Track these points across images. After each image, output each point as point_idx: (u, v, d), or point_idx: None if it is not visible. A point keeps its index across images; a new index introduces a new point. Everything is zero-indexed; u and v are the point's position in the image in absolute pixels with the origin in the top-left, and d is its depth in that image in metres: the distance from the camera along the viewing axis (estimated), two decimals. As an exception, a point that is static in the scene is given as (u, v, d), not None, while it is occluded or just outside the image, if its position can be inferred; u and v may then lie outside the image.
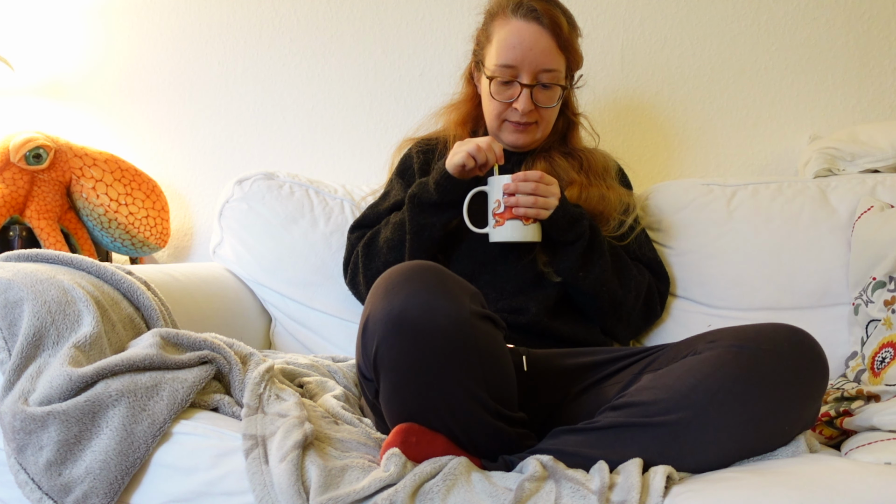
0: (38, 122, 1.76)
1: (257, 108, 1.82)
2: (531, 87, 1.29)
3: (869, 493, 0.75)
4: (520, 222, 1.17)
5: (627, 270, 1.31)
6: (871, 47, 1.72)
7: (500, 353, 0.94)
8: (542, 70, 1.28)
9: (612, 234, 1.32)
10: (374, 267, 1.30)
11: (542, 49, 1.27)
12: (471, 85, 1.43)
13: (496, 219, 1.19)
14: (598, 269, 1.25)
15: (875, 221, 1.34)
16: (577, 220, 1.23)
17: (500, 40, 1.29)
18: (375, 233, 1.33)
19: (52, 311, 0.95)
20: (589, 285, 1.25)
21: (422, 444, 0.87)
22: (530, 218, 1.17)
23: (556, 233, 1.22)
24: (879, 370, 1.12)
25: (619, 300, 1.28)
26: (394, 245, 1.28)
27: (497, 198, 1.18)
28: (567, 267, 1.24)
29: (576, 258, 1.23)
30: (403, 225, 1.28)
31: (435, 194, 1.23)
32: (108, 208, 1.67)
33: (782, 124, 1.74)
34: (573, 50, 1.32)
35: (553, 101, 1.32)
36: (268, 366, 1.02)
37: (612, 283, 1.26)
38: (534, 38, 1.27)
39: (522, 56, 1.27)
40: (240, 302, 1.49)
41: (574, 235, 1.23)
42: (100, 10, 1.82)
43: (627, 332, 1.36)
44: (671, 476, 0.84)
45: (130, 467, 0.88)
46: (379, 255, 1.30)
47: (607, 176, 1.39)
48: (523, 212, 1.16)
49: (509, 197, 1.16)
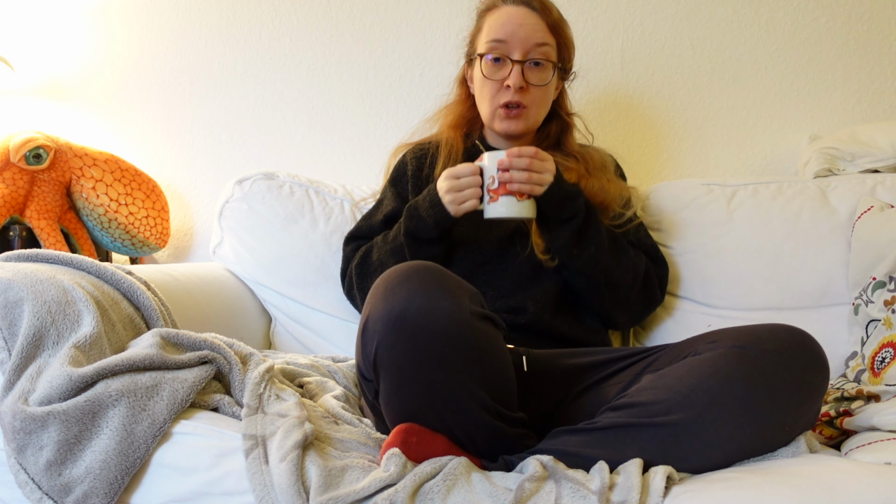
0: (38, 122, 1.76)
1: (257, 108, 1.82)
2: (522, 64, 1.29)
3: (869, 493, 0.75)
4: (514, 198, 1.17)
5: (624, 252, 1.30)
6: (871, 47, 1.72)
7: (500, 353, 0.94)
8: (533, 45, 1.29)
9: (611, 223, 1.32)
10: (368, 286, 1.29)
11: (531, 25, 1.29)
12: (464, 87, 1.44)
13: (490, 195, 1.18)
14: (592, 247, 1.24)
15: (875, 221, 1.34)
16: (572, 198, 1.22)
17: (491, 23, 1.32)
18: (368, 251, 1.33)
19: (52, 311, 0.95)
20: (584, 263, 1.24)
21: (422, 445, 0.87)
22: (524, 194, 1.17)
23: (550, 210, 1.21)
24: (879, 370, 1.12)
25: (615, 281, 1.27)
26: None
27: (492, 174, 1.18)
28: (562, 245, 1.23)
29: (570, 235, 1.22)
30: (397, 253, 1.27)
31: (434, 232, 1.23)
32: (108, 208, 1.67)
33: (782, 124, 1.74)
34: (563, 34, 1.33)
35: (545, 80, 1.31)
36: (268, 366, 1.02)
37: (607, 262, 1.25)
38: (523, 16, 1.30)
39: (513, 31, 1.29)
40: (240, 302, 1.49)
41: (569, 213, 1.22)
42: (100, 10, 1.82)
43: (627, 318, 1.34)
44: (671, 476, 0.84)
45: (130, 467, 0.88)
46: (373, 275, 1.29)
47: (606, 170, 1.39)
48: (517, 187, 1.15)
49: (503, 173, 1.16)
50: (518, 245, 1.30)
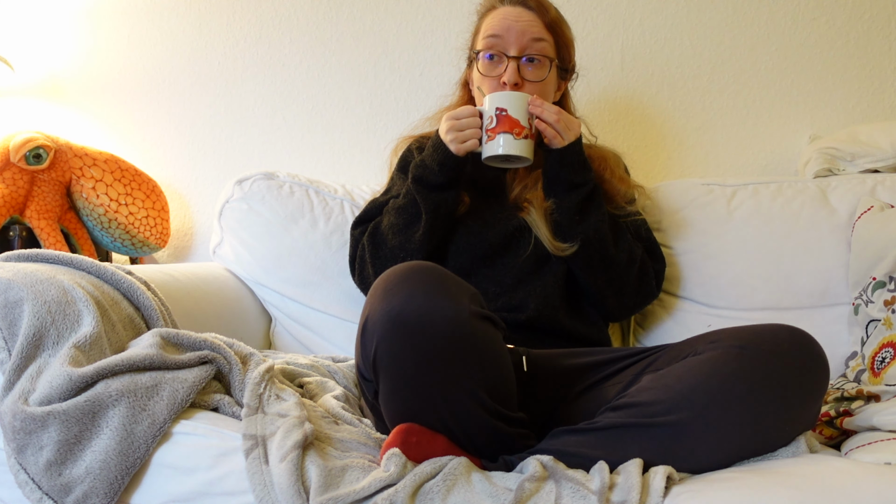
0: (38, 122, 1.76)
1: (257, 108, 1.82)
2: (518, 59, 1.29)
3: (869, 493, 0.75)
4: (511, 136, 1.17)
5: (622, 233, 1.31)
6: (871, 47, 1.72)
7: (500, 353, 0.94)
8: (529, 40, 1.29)
9: (614, 211, 1.33)
10: (383, 255, 1.29)
11: (527, 21, 1.30)
12: (466, 89, 1.44)
13: (488, 134, 1.19)
14: (594, 217, 1.25)
15: (875, 221, 1.34)
16: (587, 168, 1.26)
17: (487, 22, 1.33)
18: (377, 223, 1.33)
19: (52, 311, 0.95)
20: (583, 230, 1.25)
21: (422, 445, 0.87)
22: (523, 130, 1.17)
23: (567, 170, 1.23)
24: (879, 370, 1.12)
25: (610, 256, 1.27)
26: (399, 229, 1.27)
27: (490, 115, 1.18)
28: (567, 208, 1.25)
29: (578, 201, 1.24)
30: (407, 209, 1.27)
31: (441, 175, 1.24)
32: (108, 208, 1.67)
33: (782, 124, 1.74)
34: (561, 32, 1.34)
35: (541, 77, 1.31)
36: (268, 366, 1.02)
37: (605, 235, 1.26)
38: (519, 14, 1.31)
39: (508, 26, 1.29)
40: (240, 302, 1.49)
41: (581, 179, 1.25)
42: (100, 10, 1.82)
43: (620, 304, 1.32)
44: (671, 476, 0.84)
45: (130, 467, 0.88)
46: (385, 242, 1.28)
47: (616, 167, 1.39)
48: (546, 125, 1.19)
49: (501, 112, 1.17)
50: (522, 240, 1.29)
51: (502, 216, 1.31)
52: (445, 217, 1.27)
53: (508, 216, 1.31)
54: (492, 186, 1.37)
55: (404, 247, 1.25)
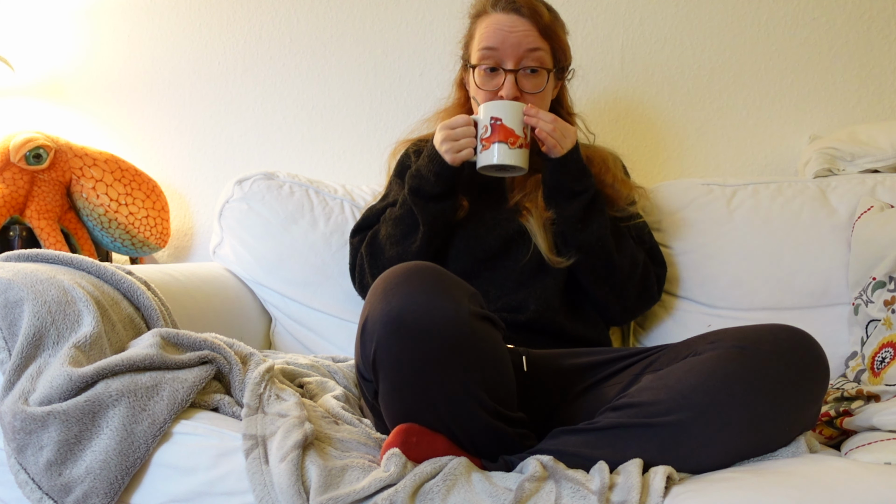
0: (38, 122, 1.76)
1: (257, 108, 1.82)
2: (515, 73, 1.28)
3: (869, 493, 0.75)
4: (506, 145, 1.17)
5: (624, 238, 1.31)
6: (871, 47, 1.72)
7: (500, 353, 0.94)
8: (525, 51, 1.28)
9: (614, 215, 1.33)
10: (381, 265, 1.29)
11: (522, 31, 1.28)
12: (462, 90, 1.44)
13: (483, 143, 1.19)
14: (596, 224, 1.25)
15: (875, 221, 1.34)
16: (586, 174, 1.26)
17: (481, 31, 1.31)
18: (375, 232, 1.33)
19: (52, 311, 0.95)
20: (586, 239, 1.25)
21: (422, 445, 0.87)
22: (518, 140, 1.17)
23: (568, 177, 1.23)
24: (879, 370, 1.12)
25: (614, 262, 1.27)
26: (396, 240, 1.28)
27: (485, 124, 1.18)
28: (569, 216, 1.25)
29: (579, 209, 1.24)
30: (404, 219, 1.27)
31: (437, 186, 1.24)
32: (108, 208, 1.67)
33: (782, 124, 1.74)
34: (556, 38, 1.32)
35: (540, 87, 1.30)
36: (268, 366, 1.02)
37: (607, 242, 1.26)
38: (513, 23, 1.29)
39: (503, 38, 1.28)
40: (240, 302, 1.49)
41: (582, 186, 1.24)
42: (100, 10, 1.82)
43: (620, 309, 1.32)
44: (671, 476, 0.84)
45: (130, 467, 0.88)
46: (383, 252, 1.29)
47: (615, 169, 1.39)
48: (545, 135, 1.19)
49: (496, 122, 1.17)
50: (522, 243, 1.29)
51: (502, 219, 1.31)
52: (443, 226, 1.27)
53: (508, 219, 1.31)
54: (491, 188, 1.37)
55: (402, 257, 1.25)
